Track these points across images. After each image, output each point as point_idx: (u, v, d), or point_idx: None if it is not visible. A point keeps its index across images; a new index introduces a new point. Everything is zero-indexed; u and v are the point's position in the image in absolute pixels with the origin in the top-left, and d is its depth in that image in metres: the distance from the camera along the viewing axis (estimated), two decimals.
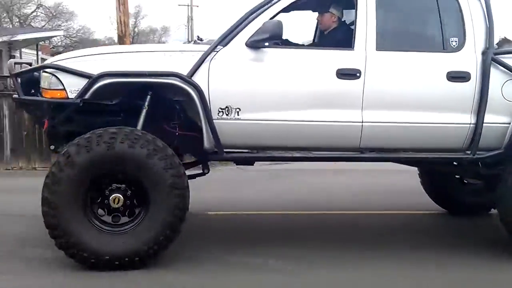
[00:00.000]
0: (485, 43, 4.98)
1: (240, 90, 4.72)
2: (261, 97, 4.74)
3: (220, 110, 4.70)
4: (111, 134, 4.42)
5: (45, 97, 4.70)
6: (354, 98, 4.81)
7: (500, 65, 4.91)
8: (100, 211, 4.62)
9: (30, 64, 5.06)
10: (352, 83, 4.79)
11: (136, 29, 46.10)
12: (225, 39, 4.78)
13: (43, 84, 4.72)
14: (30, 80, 4.92)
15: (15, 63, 5.09)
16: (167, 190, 4.45)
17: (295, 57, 4.87)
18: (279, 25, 4.61)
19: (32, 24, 38.97)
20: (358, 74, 4.79)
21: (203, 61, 4.65)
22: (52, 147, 4.99)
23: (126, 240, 4.51)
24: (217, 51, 4.73)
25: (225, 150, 4.82)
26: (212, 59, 4.70)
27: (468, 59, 4.93)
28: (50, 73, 4.67)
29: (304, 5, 5.37)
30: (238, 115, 4.72)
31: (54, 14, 40.68)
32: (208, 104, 4.66)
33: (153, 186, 4.47)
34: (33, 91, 4.89)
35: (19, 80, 4.82)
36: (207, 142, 4.74)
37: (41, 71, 4.80)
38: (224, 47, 4.76)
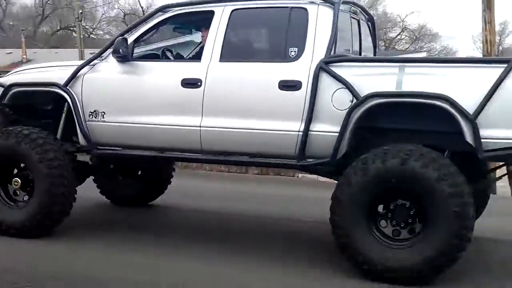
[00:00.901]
0: (327, 53, 5.01)
1: (104, 97, 5.65)
2: (120, 103, 5.59)
3: (90, 113, 5.69)
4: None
5: None
6: (196, 105, 5.31)
7: (329, 74, 4.89)
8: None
9: None
10: (194, 92, 5.31)
11: (500, 47, 42.70)
12: (103, 54, 5.76)
13: None
14: None
15: None
16: (44, 177, 5.53)
17: (149, 69, 5.59)
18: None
19: (396, 47, 40.74)
20: (199, 83, 5.29)
21: (77, 73, 5.71)
22: None
23: (21, 213, 5.70)
24: (94, 64, 5.74)
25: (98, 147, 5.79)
26: (89, 70, 5.73)
27: (302, 68, 5.01)
28: None
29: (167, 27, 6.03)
30: (103, 117, 5.64)
31: (418, 36, 41.49)
32: (81, 108, 5.69)
33: (33, 173, 5.62)
34: None
35: None
36: (81, 139, 5.77)
37: None
38: (101, 61, 5.75)
